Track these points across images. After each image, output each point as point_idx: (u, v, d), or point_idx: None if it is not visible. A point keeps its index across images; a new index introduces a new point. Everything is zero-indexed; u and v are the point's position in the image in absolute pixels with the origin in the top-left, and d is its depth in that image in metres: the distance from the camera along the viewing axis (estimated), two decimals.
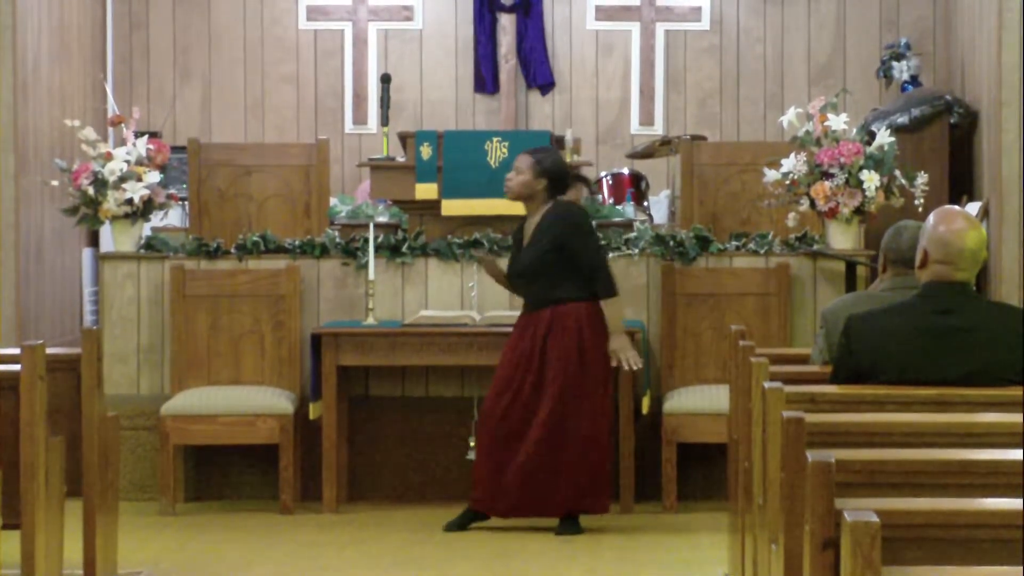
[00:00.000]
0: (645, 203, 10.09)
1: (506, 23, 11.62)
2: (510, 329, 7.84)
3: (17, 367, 5.63)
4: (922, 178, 8.47)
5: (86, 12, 10.85)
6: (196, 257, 8.70)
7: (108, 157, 8.62)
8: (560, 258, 7.60)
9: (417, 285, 8.69)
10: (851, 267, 8.46)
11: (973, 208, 9.29)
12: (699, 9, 11.67)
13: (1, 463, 5.53)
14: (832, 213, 8.41)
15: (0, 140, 9.19)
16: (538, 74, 11.66)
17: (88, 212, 8.65)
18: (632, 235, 8.68)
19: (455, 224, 8.73)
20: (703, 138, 10.29)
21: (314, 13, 11.75)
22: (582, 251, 7.60)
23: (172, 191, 8.92)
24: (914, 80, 10.82)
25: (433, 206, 8.68)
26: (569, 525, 7.68)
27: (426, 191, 8.67)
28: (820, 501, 3.33)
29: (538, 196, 7.70)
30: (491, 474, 7.64)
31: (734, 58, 11.63)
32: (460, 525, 7.78)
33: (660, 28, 11.69)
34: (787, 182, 8.49)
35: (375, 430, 8.69)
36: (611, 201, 9.87)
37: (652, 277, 8.61)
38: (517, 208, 7.91)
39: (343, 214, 9.37)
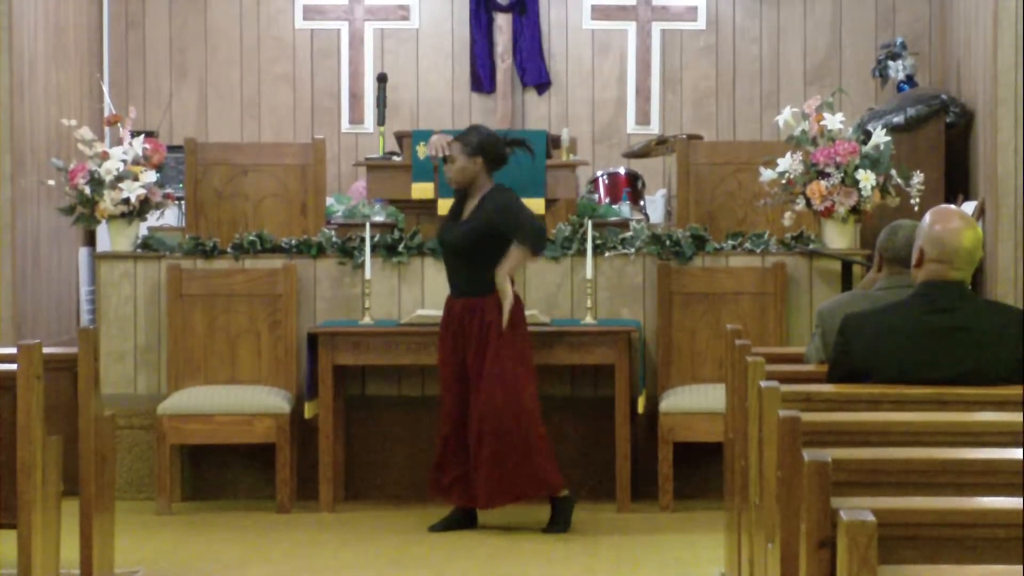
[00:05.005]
0: (641, 202, 10.10)
1: (502, 23, 11.63)
2: None
3: (14, 367, 5.63)
4: (918, 177, 8.48)
5: (82, 12, 10.84)
6: (192, 256, 8.70)
7: (104, 156, 8.62)
8: (490, 242, 7.62)
9: (413, 284, 8.69)
10: (847, 266, 8.46)
11: (969, 207, 9.29)
12: (695, 9, 11.67)
13: None
14: (828, 212, 8.42)
15: None
16: (534, 74, 11.66)
17: (84, 211, 8.64)
18: (628, 234, 8.68)
19: None
20: (699, 137, 10.30)
21: (310, 12, 11.76)
22: (514, 221, 7.60)
23: (168, 191, 8.92)
24: (910, 80, 10.82)
25: (429, 205, 8.68)
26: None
27: (422, 190, 8.67)
28: (816, 500, 3.33)
29: (479, 176, 7.72)
30: (459, 467, 7.70)
31: (730, 58, 11.63)
32: (446, 526, 7.81)
33: (656, 28, 11.69)
34: (783, 181, 8.50)
35: (372, 429, 8.69)
36: (607, 200, 9.87)
37: (648, 276, 8.61)
38: None
39: (339, 213, 9.37)
